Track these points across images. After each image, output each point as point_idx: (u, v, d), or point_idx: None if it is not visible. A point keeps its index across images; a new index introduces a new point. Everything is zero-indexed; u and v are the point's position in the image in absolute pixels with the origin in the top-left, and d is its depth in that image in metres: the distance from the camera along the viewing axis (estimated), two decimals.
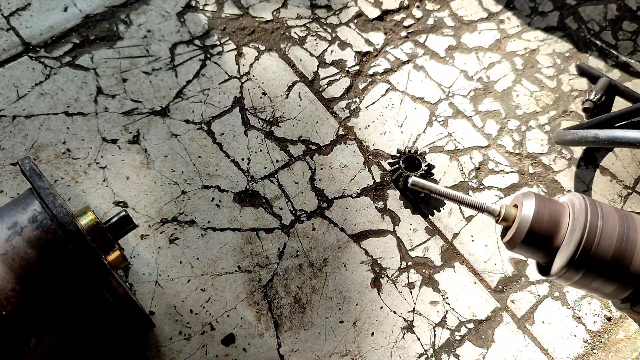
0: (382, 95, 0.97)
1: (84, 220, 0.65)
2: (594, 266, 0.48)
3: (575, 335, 0.80)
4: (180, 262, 0.81)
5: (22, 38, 0.97)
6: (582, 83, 1.00)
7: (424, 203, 0.88)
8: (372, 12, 1.05)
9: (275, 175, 0.89)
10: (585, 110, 0.95)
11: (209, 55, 0.98)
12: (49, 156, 0.88)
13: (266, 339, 0.77)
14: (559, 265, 0.49)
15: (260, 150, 0.91)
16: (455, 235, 0.86)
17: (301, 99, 0.96)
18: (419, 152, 0.89)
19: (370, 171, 0.90)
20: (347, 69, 0.99)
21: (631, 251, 0.48)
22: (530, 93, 0.99)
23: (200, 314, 0.78)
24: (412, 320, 0.79)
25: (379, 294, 0.81)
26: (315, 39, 1.02)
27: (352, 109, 0.96)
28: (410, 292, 0.81)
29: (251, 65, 0.99)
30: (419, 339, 0.78)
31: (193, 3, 1.03)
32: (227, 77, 0.97)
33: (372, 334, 0.78)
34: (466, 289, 0.82)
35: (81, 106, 0.92)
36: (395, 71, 1.00)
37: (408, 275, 0.82)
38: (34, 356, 0.59)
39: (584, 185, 0.91)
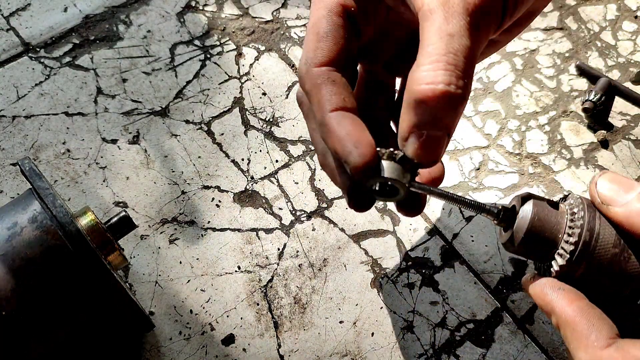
0: None
1: (84, 221, 0.65)
2: (592, 266, 0.48)
3: None
4: (180, 263, 0.81)
5: (22, 38, 0.97)
6: (582, 83, 1.00)
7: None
8: None
9: (275, 176, 0.89)
10: (585, 110, 0.95)
11: (208, 56, 0.99)
12: (49, 156, 0.88)
13: (266, 339, 0.77)
14: (558, 266, 0.49)
15: (260, 151, 0.91)
16: (455, 235, 0.86)
17: None
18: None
19: None
20: None
21: (629, 251, 0.48)
22: (530, 93, 0.99)
23: (200, 314, 0.78)
24: (412, 320, 0.79)
25: (378, 294, 0.81)
26: None
27: None
28: (410, 292, 0.81)
29: (251, 65, 0.99)
30: (419, 339, 0.78)
31: (193, 3, 1.04)
32: (227, 77, 0.97)
33: (372, 334, 0.78)
34: (466, 289, 0.82)
35: (81, 106, 0.92)
36: None
37: (408, 275, 0.82)
38: (33, 356, 0.59)
39: (583, 186, 0.90)
